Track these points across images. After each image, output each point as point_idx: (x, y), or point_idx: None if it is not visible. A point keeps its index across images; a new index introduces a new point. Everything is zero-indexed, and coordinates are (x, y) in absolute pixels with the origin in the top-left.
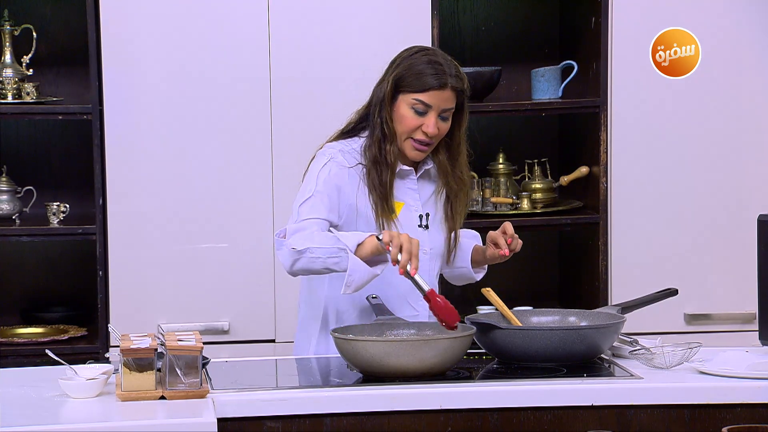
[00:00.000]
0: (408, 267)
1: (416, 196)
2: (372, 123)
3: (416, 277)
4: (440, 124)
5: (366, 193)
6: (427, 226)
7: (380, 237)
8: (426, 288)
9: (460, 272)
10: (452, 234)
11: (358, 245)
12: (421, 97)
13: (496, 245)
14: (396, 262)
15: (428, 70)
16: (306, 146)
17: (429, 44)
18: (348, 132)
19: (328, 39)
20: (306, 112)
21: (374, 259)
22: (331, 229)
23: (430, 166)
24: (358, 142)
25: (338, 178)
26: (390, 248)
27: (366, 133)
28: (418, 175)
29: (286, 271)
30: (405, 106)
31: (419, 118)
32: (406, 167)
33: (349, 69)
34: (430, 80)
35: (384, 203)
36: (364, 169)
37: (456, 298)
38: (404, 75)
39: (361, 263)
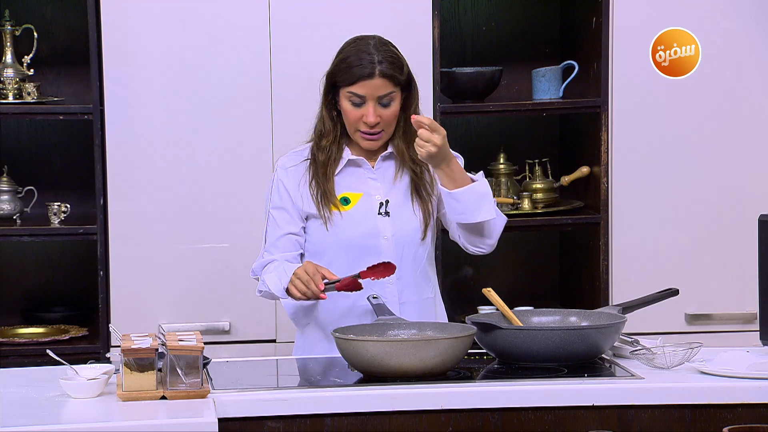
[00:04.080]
0: (319, 294)
1: (377, 185)
2: (318, 120)
3: (327, 292)
4: (382, 111)
5: (309, 188)
6: (387, 213)
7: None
8: (333, 289)
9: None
10: (425, 214)
11: (287, 289)
12: (353, 89)
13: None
14: (310, 298)
15: (355, 62)
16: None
17: (430, 44)
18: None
19: (328, 39)
20: (307, 111)
21: None
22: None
23: (389, 151)
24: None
25: (282, 187)
26: (301, 297)
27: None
28: (378, 161)
29: None
30: (344, 100)
31: (358, 109)
32: (355, 156)
33: None
34: (357, 71)
35: (324, 197)
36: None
37: (457, 298)
38: (335, 70)
39: (293, 304)
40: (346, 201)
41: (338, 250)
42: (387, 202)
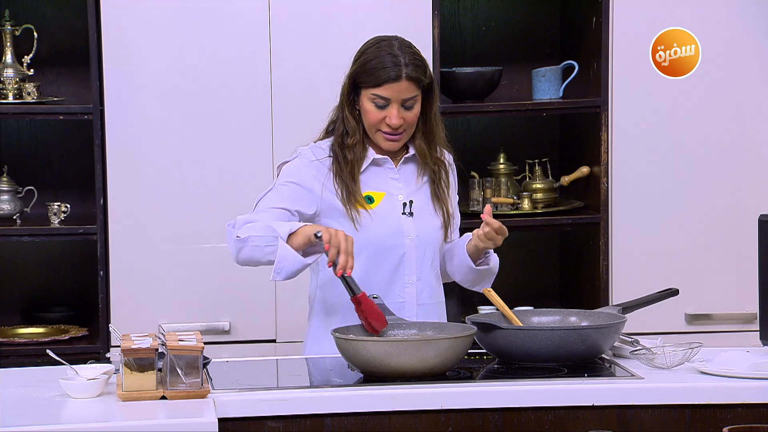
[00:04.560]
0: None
1: (399, 185)
2: (338, 119)
3: (350, 278)
4: (405, 114)
5: (334, 185)
6: (411, 213)
7: (319, 234)
8: (358, 292)
9: (459, 263)
10: (445, 215)
11: (291, 234)
12: (378, 91)
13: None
14: (333, 262)
15: (380, 64)
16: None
17: (430, 45)
18: (331, 130)
19: (328, 40)
20: (306, 110)
21: (308, 249)
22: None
23: (411, 153)
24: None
25: (304, 170)
26: (328, 247)
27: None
28: (400, 162)
29: (234, 261)
30: (367, 101)
31: (381, 111)
32: (379, 156)
33: None
34: (383, 74)
35: (351, 196)
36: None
37: (457, 298)
38: (359, 71)
39: (291, 252)
40: (370, 200)
41: (363, 249)
42: (411, 202)
